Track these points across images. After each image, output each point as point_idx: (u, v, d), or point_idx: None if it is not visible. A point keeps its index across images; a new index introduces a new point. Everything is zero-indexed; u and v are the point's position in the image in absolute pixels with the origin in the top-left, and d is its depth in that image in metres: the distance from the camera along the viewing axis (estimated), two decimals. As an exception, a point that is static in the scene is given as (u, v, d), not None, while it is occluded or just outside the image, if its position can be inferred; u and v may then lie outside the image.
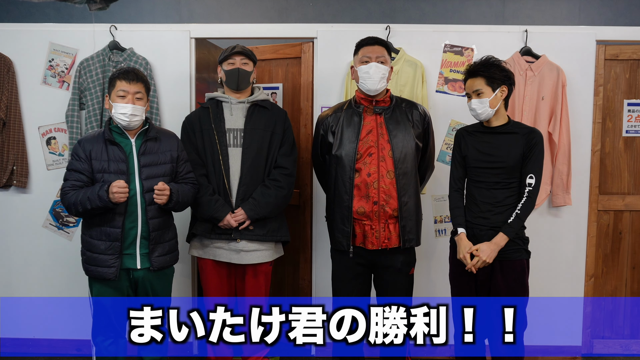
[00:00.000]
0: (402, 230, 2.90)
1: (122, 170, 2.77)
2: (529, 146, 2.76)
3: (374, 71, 2.88)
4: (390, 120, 2.95)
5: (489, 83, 2.75)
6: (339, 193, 2.94)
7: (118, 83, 2.79)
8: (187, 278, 3.70)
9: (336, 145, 2.96)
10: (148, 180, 2.80)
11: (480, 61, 2.81)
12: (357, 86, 2.99)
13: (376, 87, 2.91)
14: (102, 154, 2.78)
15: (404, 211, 2.90)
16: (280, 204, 3.11)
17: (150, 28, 3.71)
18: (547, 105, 3.52)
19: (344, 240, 2.94)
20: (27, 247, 3.71)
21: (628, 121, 3.70)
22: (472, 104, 2.79)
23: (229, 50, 3.13)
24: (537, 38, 3.56)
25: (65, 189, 2.78)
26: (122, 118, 2.77)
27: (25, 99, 3.65)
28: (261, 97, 3.18)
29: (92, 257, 2.79)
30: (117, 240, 2.76)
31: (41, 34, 3.63)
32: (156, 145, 2.87)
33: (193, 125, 3.13)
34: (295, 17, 5.07)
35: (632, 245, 3.77)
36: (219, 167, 3.06)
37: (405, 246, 2.91)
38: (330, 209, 3.03)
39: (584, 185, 3.63)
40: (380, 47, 2.95)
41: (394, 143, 2.90)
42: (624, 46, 3.66)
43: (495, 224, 2.77)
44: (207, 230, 3.09)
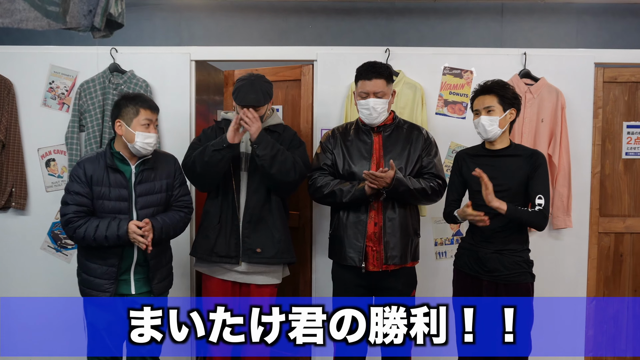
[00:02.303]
0: (385, 246, 2.88)
1: (124, 197, 2.76)
2: (534, 168, 2.74)
3: (372, 107, 2.91)
4: (388, 139, 2.97)
5: (501, 102, 2.74)
6: (354, 209, 2.93)
7: (142, 112, 2.76)
8: (185, 278, 3.66)
9: (348, 158, 2.97)
10: (143, 210, 2.78)
11: (493, 80, 2.80)
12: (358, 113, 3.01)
13: (376, 122, 2.95)
14: (104, 179, 2.76)
15: (388, 227, 2.89)
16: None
17: (150, 51, 3.73)
18: (546, 128, 3.53)
19: (357, 256, 2.91)
20: (25, 269, 3.68)
21: (627, 143, 3.70)
22: (481, 120, 2.76)
23: (239, 102, 2.97)
24: (535, 60, 3.58)
25: (68, 215, 2.72)
26: (146, 147, 2.76)
27: (25, 121, 3.65)
28: (274, 122, 3.15)
29: (88, 279, 2.77)
30: (114, 266, 2.74)
31: (42, 56, 3.64)
32: (152, 173, 2.85)
33: (209, 140, 3.04)
34: (294, 40, 5.11)
35: (633, 267, 3.75)
36: (231, 189, 3.06)
37: (388, 263, 2.89)
38: (342, 225, 2.98)
39: (584, 208, 3.62)
40: (378, 80, 2.91)
41: (386, 160, 2.91)
42: (622, 69, 3.68)
43: (499, 247, 2.75)
44: (208, 253, 3.07)
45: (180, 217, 2.88)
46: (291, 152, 3.05)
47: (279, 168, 2.93)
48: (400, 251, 2.91)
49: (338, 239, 3.01)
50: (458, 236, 3.61)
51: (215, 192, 3.10)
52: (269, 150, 2.90)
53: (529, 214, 2.67)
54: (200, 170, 2.95)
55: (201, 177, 3.00)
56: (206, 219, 3.11)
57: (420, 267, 3.13)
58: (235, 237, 3.05)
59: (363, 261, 2.90)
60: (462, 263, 2.88)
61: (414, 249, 3.00)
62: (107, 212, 2.74)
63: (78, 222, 2.70)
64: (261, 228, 3.06)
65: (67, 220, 2.72)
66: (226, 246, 3.04)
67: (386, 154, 2.94)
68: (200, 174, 2.97)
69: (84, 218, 2.71)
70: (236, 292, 3.16)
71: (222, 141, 2.91)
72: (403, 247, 2.92)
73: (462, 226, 3.58)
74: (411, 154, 2.97)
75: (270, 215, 3.08)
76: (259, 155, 2.91)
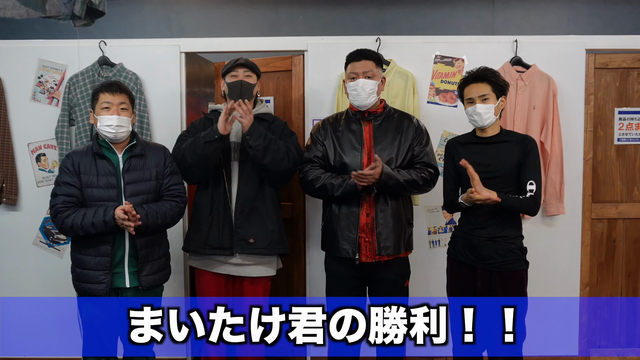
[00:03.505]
0: (378, 237, 2.87)
1: (112, 184, 2.74)
2: (525, 153, 2.74)
3: (361, 87, 2.88)
4: (378, 128, 2.95)
5: (495, 90, 2.75)
6: (346, 202, 2.91)
7: (101, 96, 2.76)
8: (179, 275, 3.65)
9: (339, 149, 2.95)
10: (132, 198, 2.75)
11: (484, 68, 2.79)
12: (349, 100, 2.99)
13: (365, 103, 2.91)
14: (91, 167, 2.75)
15: (380, 218, 2.88)
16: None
17: (139, 43, 3.70)
18: (538, 115, 3.53)
19: (350, 248, 2.90)
20: (17, 265, 3.66)
21: (619, 129, 3.71)
22: (477, 109, 2.75)
23: (231, 62, 3.09)
24: (527, 48, 3.57)
25: (57, 206, 2.71)
26: (108, 130, 2.74)
27: (15, 116, 3.62)
28: (262, 111, 3.15)
29: (82, 273, 2.75)
30: (107, 255, 2.71)
31: (30, 50, 3.61)
32: (141, 161, 2.82)
33: (198, 132, 3.05)
34: (285, 30, 5.09)
35: (626, 253, 3.77)
36: (222, 180, 3.04)
37: (381, 254, 2.88)
38: (334, 218, 2.97)
39: (577, 194, 3.63)
40: (367, 61, 2.92)
41: (377, 150, 2.90)
42: (613, 55, 3.68)
43: (493, 233, 2.75)
44: (201, 245, 3.05)
45: (170, 206, 2.82)
46: (284, 140, 3.04)
47: (272, 158, 2.92)
48: (393, 242, 2.90)
49: (331, 231, 2.99)
50: (451, 224, 3.61)
51: (205, 183, 3.08)
52: (261, 140, 2.89)
53: (520, 201, 2.68)
54: (192, 162, 2.94)
55: (192, 169, 2.98)
56: (197, 212, 3.09)
57: (414, 256, 3.13)
58: (229, 228, 3.03)
59: (356, 253, 2.90)
60: (456, 251, 2.87)
61: (407, 239, 2.99)
62: (96, 200, 2.72)
63: (66, 212, 2.68)
64: (254, 218, 3.04)
65: (56, 210, 2.71)
66: (219, 237, 3.02)
67: (377, 144, 2.92)
68: (191, 166, 2.96)
69: (71, 208, 2.70)
70: (230, 286, 3.15)
71: (213, 132, 2.90)
72: (396, 237, 2.91)
73: (455, 215, 3.58)
74: (402, 144, 2.95)
75: (264, 205, 3.06)
76: (251, 146, 2.90)
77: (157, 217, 2.75)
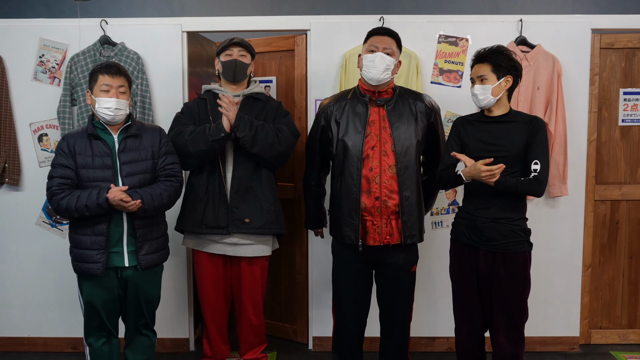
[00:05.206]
0: (403, 225, 2.84)
1: (107, 164, 2.74)
2: (532, 133, 2.71)
3: (379, 61, 2.82)
4: (392, 112, 2.88)
5: (495, 70, 2.72)
6: (346, 185, 2.87)
7: (101, 77, 2.74)
8: (182, 270, 3.67)
9: (342, 132, 2.90)
10: (128, 178, 2.75)
11: (490, 48, 2.76)
12: (361, 75, 2.93)
13: (379, 77, 2.83)
14: (87, 148, 2.75)
15: (406, 206, 2.84)
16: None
17: (141, 22, 3.67)
18: (542, 95, 3.50)
19: (353, 234, 2.86)
20: (20, 245, 3.68)
21: (624, 110, 3.68)
22: (474, 90, 2.75)
23: (226, 41, 3.10)
24: (532, 27, 3.53)
25: (52, 188, 2.72)
26: (106, 112, 2.73)
27: (16, 96, 3.60)
28: (256, 90, 3.15)
29: (79, 253, 2.75)
30: (102, 234, 2.71)
31: (31, 29, 3.58)
32: (137, 141, 2.82)
33: (192, 113, 3.11)
34: (288, 10, 5.04)
35: (629, 234, 3.76)
36: (217, 160, 3.04)
37: (407, 242, 2.86)
38: (337, 202, 2.95)
39: (580, 176, 3.62)
40: (390, 38, 2.88)
41: (396, 136, 2.84)
42: (619, 34, 3.64)
43: (496, 215, 2.74)
44: (197, 225, 3.05)
45: (165, 186, 2.81)
46: (277, 121, 3.05)
47: (261, 145, 2.95)
48: (417, 229, 2.89)
49: (335, 217, 2.98)
50: (454, 205, 3.60)
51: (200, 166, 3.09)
52: (247, 130, 2.92)
53: (521, 182, 2.65)
54: (194, 154, 2.96)
55: (193, 159, 3.00)
56: (192, 192, 3.09)
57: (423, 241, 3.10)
58: (225, 207, 3.03)
59: (360, 239, 2.86)
60: (459, 232, 2.86)
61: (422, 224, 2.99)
62: (92, 180, 2.71)
63: (61, 195, 2.69)
64: (250, 198, 3.05)
65: (51, 193, 2.72)
66: (215, 217, 3.03)
67: (393, 130, 2.86)
68: (193, 156, 2.98)
69: (66, 190, 2.70)
70: (228, 267, 3.17)
71: (219, 130, 2.91)
72: (419, 224, 2.91)
73: (457, 195, 3.57)
74: (419, 124, 2.91)
75: (259, 185, 3.07)
76: (239, 138, 2.92)
77: (153, 199, 2.75)
